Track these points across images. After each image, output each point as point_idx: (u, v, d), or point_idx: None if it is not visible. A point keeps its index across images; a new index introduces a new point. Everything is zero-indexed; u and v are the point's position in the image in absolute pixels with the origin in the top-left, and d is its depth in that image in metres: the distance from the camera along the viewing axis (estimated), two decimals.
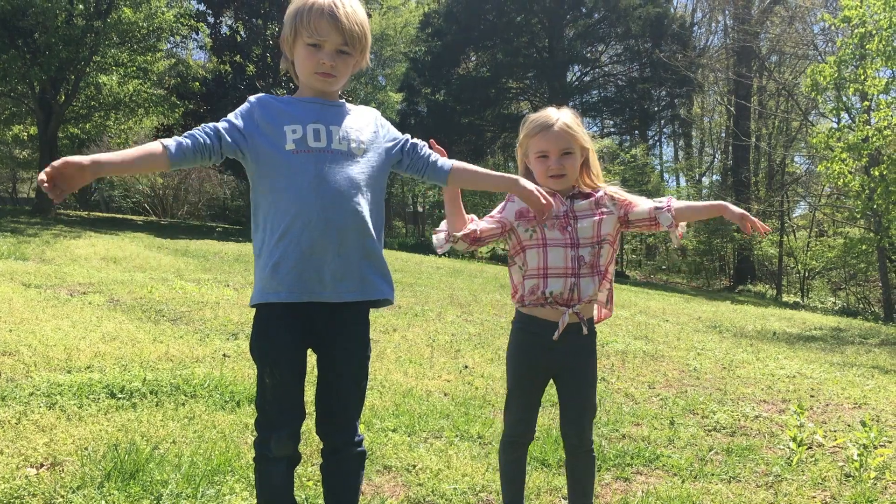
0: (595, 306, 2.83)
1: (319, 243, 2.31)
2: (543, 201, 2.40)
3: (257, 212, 2.42)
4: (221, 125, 2.37)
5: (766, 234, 2.68)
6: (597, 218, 2.74)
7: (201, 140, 2.31)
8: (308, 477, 3.30)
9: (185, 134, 2.33)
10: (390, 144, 2.52)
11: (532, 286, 2.73)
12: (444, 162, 2.57)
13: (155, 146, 2.24)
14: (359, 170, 2.40)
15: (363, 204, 2.38)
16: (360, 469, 2.57)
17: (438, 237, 2.79)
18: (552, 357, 2.73)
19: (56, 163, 2.03)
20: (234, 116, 2.41)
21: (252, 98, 2.46)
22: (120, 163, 2.18)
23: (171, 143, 2.26)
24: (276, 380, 2.37)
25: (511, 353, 2.83)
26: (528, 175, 2.79)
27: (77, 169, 2.05)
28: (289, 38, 2.43)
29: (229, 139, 2.35)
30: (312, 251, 2.30)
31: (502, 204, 2.83)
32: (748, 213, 2.67)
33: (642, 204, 2.79)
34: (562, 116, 2.74)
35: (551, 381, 2.84)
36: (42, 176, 1.99)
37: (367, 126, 2.49)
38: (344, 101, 2.52)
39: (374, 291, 2.44)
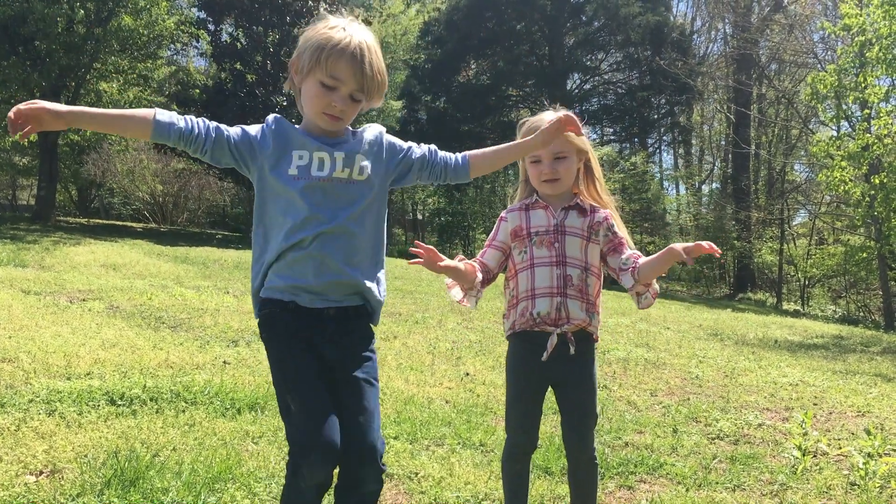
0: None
1: (319, 266, 2.35)
2: (557, 126, 2.44)
3: (261, 217, 2.42)
4: (232, 130, 2.37)
5: (718, 254, 2.49)
6: (585, 242, 2.71)
7: (194, 128, 2.30)
8: None
9: (187, 117, 2.32)
10: (395, 159, 2.51)
11: (522, 309, 2.74)
12: (458, 158, 2.61)
13: (146, 112, 2.24)
14: (357, 195, 2.40)
15: (362, 226, 2.41)
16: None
17: (454, 292, 2.81)
18: (550, 366, 2.68)
19: (31, 106, 2.04)
20: (250, 128, 2.39)
21: (270, 118, 2.42)
22: (101, 117, 2.22)
23: (164, 116, 2.26)
24: (301, 403, 2.32)
25: (509, 364, 2.81)
26: (527, 179, 2.79)
27: (52, 116, 2.08)
28: (302, 67, 2.33)
29: (232, 143, 2.34)
30: (309, 273, 2.34)
31: (495, 227, 2.81)
32: (695, 244, 2.50)
33: (619, 254, 2.72)
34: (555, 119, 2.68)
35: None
36: (11, 114, 2.01)
37: (371, 147, 2.46)
38: (350, 129, 2.49)
39: (372, 296, 2.46)
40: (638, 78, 33.05)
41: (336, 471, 2.35)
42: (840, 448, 4.33)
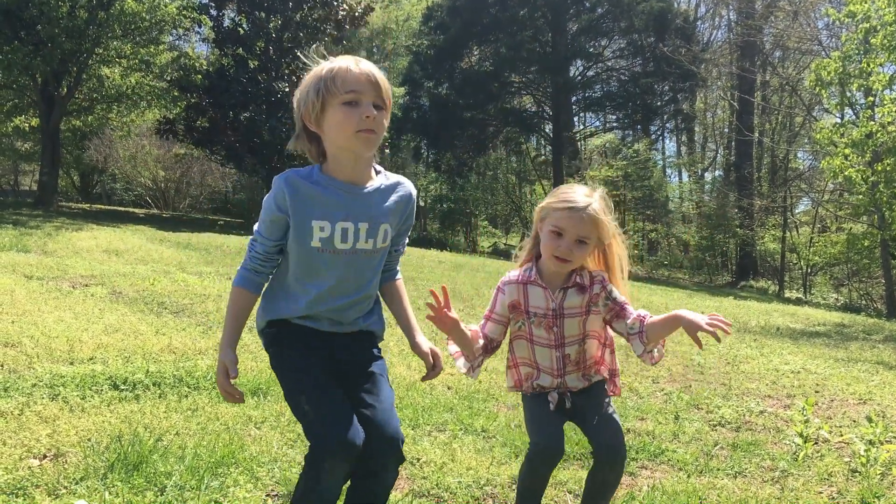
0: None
1: (334, 322, 2.45)
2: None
3: (284, 274, 2.46)
4: (264, 250, 2.41)
5: (727, 332, 2.40)
6: (584, 317, 2.69)
7: (267, 272, 2.46)
8: None
9: (254, 269, 2.43)
10: (402, 228, 2.54)
11: (527, 373, 2.77)
12: (390, 276, 2.65)
13: (244, 297, 2.44)
14: (379, 259, 2.48)
15: (377, 275, 2.52)
16: (391, 489, 2.57)
17: (460, 363, 2.79)
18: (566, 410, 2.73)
19: (230, 393, 2.40)
20: (272, 208, 2.35)
21: (279, 180, 2.34)
22: (237, 331, 2.45)
23: (250, 286, 2.43)
24: (316, 401, 2.33)
25: (525, 410, 2.81)
26: (536, 243, 2.73)
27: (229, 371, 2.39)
28: (315, 108, 2.28)
29: (277, 244, 2.40)
30: (325, 325, 2.44)
31: (493, 299, 2.77)
32: (705, 320, 2.37)
33: (624, 320, 2.67)
34: (593, 202, 2.60)
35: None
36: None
37: (395, 211, 2.45)
38: (379, 176, 2.44)
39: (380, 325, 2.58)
40: (641, 65, 32.95)
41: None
42: (841, 435, 4.33)
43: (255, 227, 2.41)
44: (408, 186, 2.49)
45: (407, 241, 2.66)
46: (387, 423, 2.39)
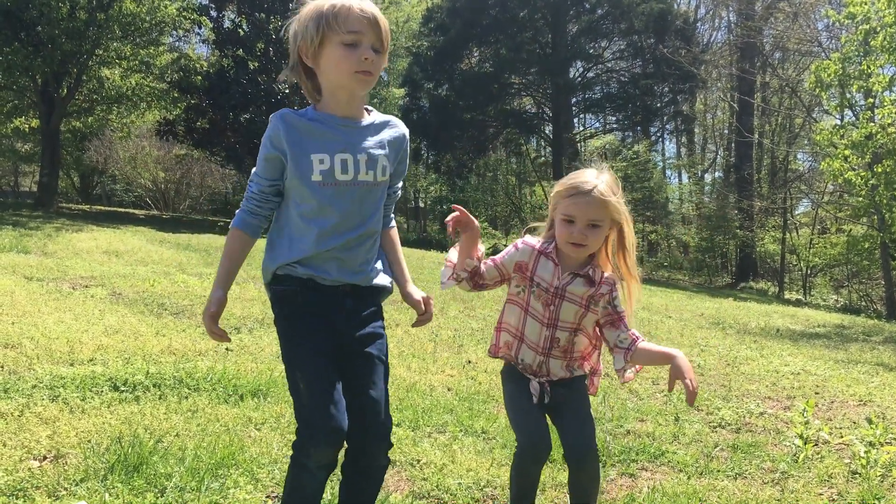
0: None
1: (340, 264, 2.41)
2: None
3: (286, 220, 2.44)
4: (259, 189, 2.40)
5: (692, 398, 2.50)
6: (582, 310, 2.67)
7: (265, 215, 2.44)
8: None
9: (250, 211, 2.41)
10: (396, 172, 2.52)
11: (507, 342, 2.76)
12: (387, 222, 2.63)
13: (240, 236, 2.43)
14: (380, 194, 2.46)
15: (379, 210, 2.49)
16: (381, 481, 2.58)
17: (444, 271, 2.78)
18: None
19: (211, 331, 2.37)
20: (267, 146, 2.35)
21: (275, 117, 2.35)
22: (232, 273, 2.45)
23: (249, 229, 2.43)
24: (310, 381, 2.33)
25: (503, 376, 2.82)
26: (552, 226, 2.72)
27: (218, 314, 2.37)
28: (313, 43, 2.28)
29: (274, 186, 2.39)
30: (332, 269, 2.40)
31: (505, 251, 2.76)
32: (691, 377, 2.49)
33: (616, 329, 2.66)
34: (599, 183, 2.58)
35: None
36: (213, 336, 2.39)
37: (392, 145, 2.45)
38: (371, 114, 2.45)
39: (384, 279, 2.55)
40: (641, 66, 32.92)
41: (343, 448, 2.38)
42: (841, 437, 4.33)
43: (254, 170, 2.41)
44: (399, 124, 2.51)
45: (401, 184, 2.65)
46: (376, 408, 2.40)
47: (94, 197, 34.27)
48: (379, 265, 2.52)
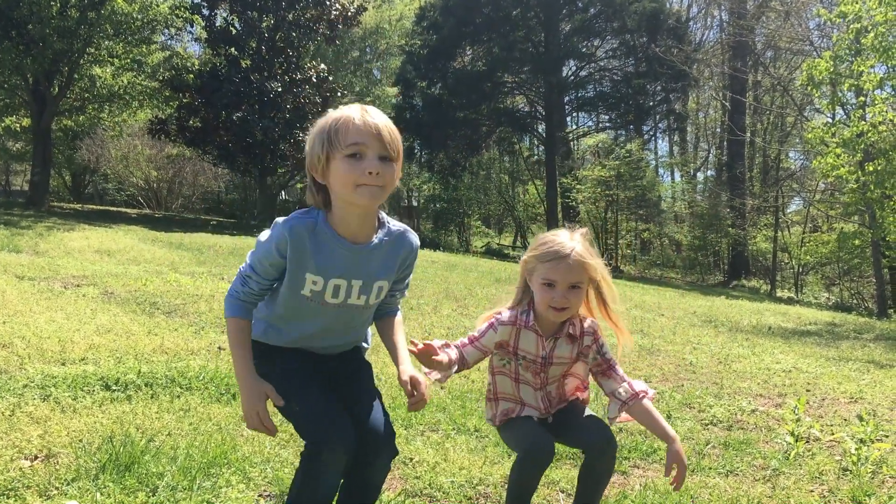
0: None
1: (322, 350, 2.53)
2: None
3: (275, 302, 2.47)
4: (259, 289, 2.40)
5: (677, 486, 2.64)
6: (570, 365, 2.73)
7: (256, 300, 2.44)
8: None
9: (247, 301, 2.41)
10: (402, 275, 2.55)
11: (508, 408, 2.79)
12: (390, 312, 2.69)
13: (241, 327, 2.41)
14: (370, 313, 2.54)
15: (367, 324, 2.59)
16: (382, 484, 2.65)
17: (433, 375, 2.75)
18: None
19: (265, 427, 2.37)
20: (264, 268, 2.36)
21: (284, 227, 2.30)
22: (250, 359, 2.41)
23: (246, 314, 2.42)
24: (307, 403, 2.38)
25: (510, 436, 2.81)
26: (526, 291, 2.72)
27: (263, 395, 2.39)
28: (321, 160, 2.25)
29: (271, 282, 2.41)
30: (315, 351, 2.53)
31: (482, 330, 2.73)
32: (685, 464, 2.64)
33: (610, 380, 2.70)
34: (576, 246, 2.59)
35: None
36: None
37: (394, 266, 2.46)
38: (382, 229, 2.41)
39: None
40: (634, 65, 32.99)
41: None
42: (832, 434, 4.35)
43: (249, 263, 2.37)
44: (410, 239, 2.49)
45: (407, 286, 2.65)
46: (377, 418, 2.45)
47: (86, 196, 34.16)
48: (362, 338, 2.65)
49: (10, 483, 2.90)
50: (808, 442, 4.20)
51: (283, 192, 33.74)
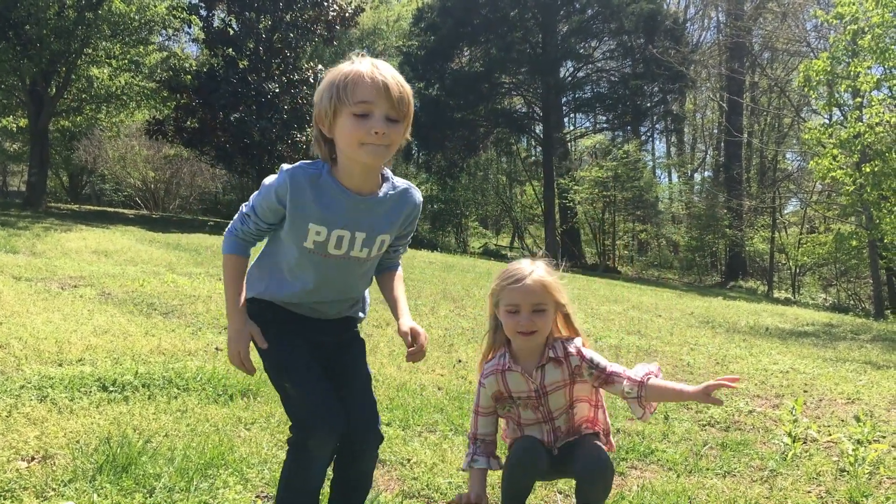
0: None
1: (318, 313, 2.49)
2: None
3: (273, 257, 2.47)
4: (257, 229, 2.41)
5: (734, 384, 2.56)
6: (569, 387, 2.69)
7: (253, 242, 2.46)
8: None
9: (244, 239, 2.43)
10: (404, 230, 2.54)
11: (514, 437, 2.82)
12: (392, 265, 2.66)
13: (236, 261, 2.44)
14: (370, 265, 2.50)
15: (367, 279, 2.55)
16: (371, 475, 2.66)
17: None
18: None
19: (245, 366, 2.39)
20: (263, 210, 2.37)
21: (285, 173, 2.31)
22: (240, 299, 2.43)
23: (243, 252, 2.45)
24: (299, 383, 2.38)
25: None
26: (497, 328, 2.72)
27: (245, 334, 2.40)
28: (328, 114, 2.24)
29: (270, 224, 2.40)
30: (309, 313, 2.49)
31: (476, 395, 2.77)
32: (715, 381, 2.55)
33: (615, 384, 2.65)
34: (536, 269, 2.62)
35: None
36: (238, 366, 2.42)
37: (397, 221, 2.45)
38: (386, 184, 2.41)
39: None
40: (631, 66, 33.01)
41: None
42: (830, 435, 4.35)
43: (251, 202, 2.39)
44: (414, 194, 2.48)
45: (409, 241, 2.66)
46: (364, 403, 2.47)
47: (84, 196, 34.11)
48: (358, 303, 2.60)
49: (7, 484, 2.90)
50: (805, 443, 4.20)
51: None
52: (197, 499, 2.93)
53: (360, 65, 2.21)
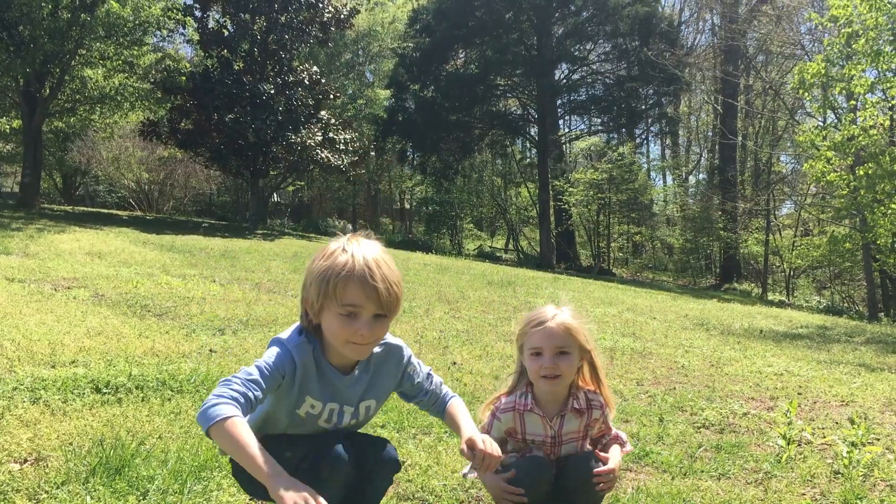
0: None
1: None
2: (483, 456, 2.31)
3: (263, 423, 2.42)
4: (255, 397, 2.16)
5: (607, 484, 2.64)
6: (581, 442, 2.75)
7: (248, 406, 2.16)
8: None
9: (240, 396, 2.10)
10: (409, 382, 2.57)
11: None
12: (443, 402, 2.64)
13: (242, 423, 2.05)
14: (363, 422, 2.53)
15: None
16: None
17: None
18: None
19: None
20: (267, 386, 2.21)
21: (290, 353, 2.27)
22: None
23: (239, 412, 2.07)
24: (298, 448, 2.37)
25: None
26: (522, 372, 2.72)
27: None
28: (314, 305, 2.23)
29: (262, 395, 2.24)
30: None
31: (488, 421, 2.78)
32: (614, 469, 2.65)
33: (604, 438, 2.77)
34: (560, 313, 2.62)
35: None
36: None
37: (386, 385, 2.51)
38: (374, 354, 2.43)
39: None
40: (626, 68, 33.07)
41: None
42: (824, 437, 4.36)
43: (249, 373, 2.19)
44: (397, 353, 2.51)
45: (430, 375, 2.65)
46: (375, 440, 2.54)
47: (77, 198, 34.03)
48: None
49: (0, 486, 2.88)
50: (799, 445, 4.20)
51: (274, 195, 33.71)
52: (191, 501, 2.92)
53: (355, 262, 2.17)
